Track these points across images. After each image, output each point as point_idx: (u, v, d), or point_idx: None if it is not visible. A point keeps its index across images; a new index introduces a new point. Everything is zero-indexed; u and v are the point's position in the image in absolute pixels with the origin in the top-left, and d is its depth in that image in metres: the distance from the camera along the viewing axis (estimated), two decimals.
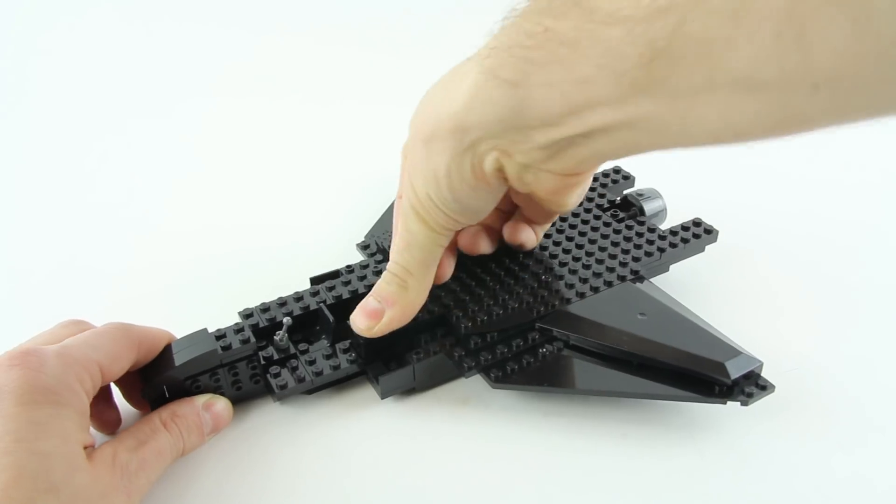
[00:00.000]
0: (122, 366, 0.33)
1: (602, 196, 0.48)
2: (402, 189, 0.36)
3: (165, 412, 0.34)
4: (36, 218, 0.55)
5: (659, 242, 0.44)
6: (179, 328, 0.37)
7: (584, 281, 0.41)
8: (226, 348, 0.36)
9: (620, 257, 0.43)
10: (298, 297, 0.40)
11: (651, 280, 0.43)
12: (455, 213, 0.33)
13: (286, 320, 0.38)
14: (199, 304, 0.44)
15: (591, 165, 0.32)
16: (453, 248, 0.40)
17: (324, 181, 0.58)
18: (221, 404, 0.36)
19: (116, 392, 0.36)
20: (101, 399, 0.34)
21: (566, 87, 0.27)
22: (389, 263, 0.36)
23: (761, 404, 0.35)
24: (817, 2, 0.20)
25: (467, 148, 0.30)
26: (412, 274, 0.35)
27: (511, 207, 0.41)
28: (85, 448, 0.29)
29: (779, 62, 0.22)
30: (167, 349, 0.35)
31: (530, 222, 0.41)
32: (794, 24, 0.21)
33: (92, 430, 0.32)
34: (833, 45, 0.21)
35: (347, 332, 0.38)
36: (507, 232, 0.41)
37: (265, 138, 0.65)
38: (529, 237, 0.41)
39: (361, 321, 0.36)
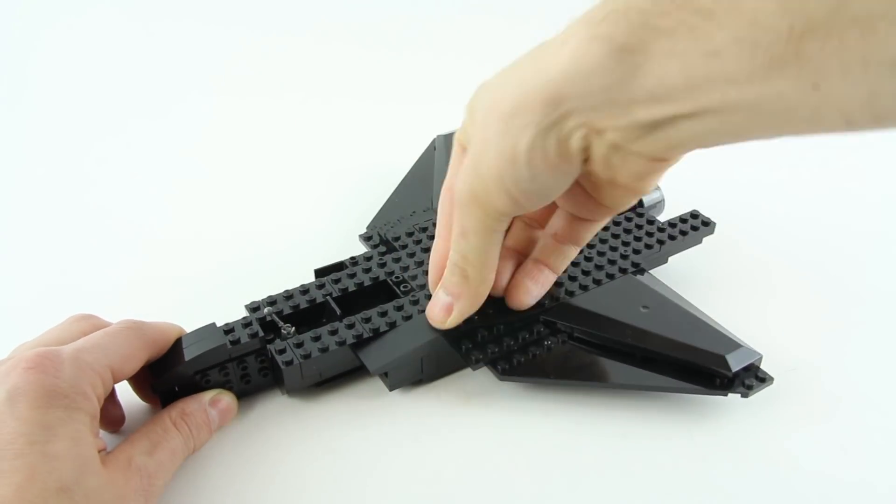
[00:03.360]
0: (133, 366, 0.33)
1: None
2: (452, 180, 0.35)
3: (175, 411, 0.34)
4: (39, 216, 0.54)
5: (658, 234, 0.45)
6: (187, 323, 0.37)
7: (587, 273, 0.41)
8: (234, 342, 0.36)
9: (621, 249, 0.43)
10: (304, 290, 0.40)
11: (651, 272, 0.43)
12: (525, 195, 0.30)
13: (267, 310, 0.38)
14: (205, 299, 0.44)
15: (683, 151, 0.28)
16: (513, 256, 0.39)
17: (324, 174, 0.58)
18: (227, 399, 0.36)
19: (122, 387, 0.36)
20: (106, 397, 0.34)
21: (691, 59, 0.24)
22: (450, 254, 0.35)
23: (760, 397, 0.36)
24: None
25: (554, 123, 0.28)
26: (471, 263, 0.34)
27: (548, 217, 0.38)
28: (98, 452, 0.29)
29: None
30: (177, 344, 0.35)
31: (581, 221, 0.36)
32: None
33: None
34: None
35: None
36: (521, 276, 0.38)
37: (266, 133, 0.65)
38: (531, 293, 0.38)
39: (436, 315, 0.36)
